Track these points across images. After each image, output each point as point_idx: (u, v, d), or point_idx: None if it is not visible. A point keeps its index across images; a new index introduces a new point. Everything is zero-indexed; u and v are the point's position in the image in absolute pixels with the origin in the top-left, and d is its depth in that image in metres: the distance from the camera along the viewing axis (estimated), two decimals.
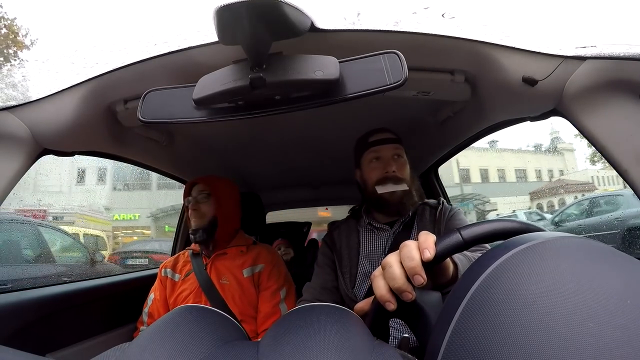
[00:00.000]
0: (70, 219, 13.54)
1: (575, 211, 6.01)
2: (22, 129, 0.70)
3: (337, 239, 1.03)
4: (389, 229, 0.98)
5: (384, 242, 0.97)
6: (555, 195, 16.75)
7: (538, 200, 17.47)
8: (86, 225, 12.36)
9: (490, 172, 20.57)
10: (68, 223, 12.79)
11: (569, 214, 6.05)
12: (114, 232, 13.74)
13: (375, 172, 0.95)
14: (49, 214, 13.63)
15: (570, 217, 5.87)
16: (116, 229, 14.73)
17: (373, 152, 0.96)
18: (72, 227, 10.09)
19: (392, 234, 0.97)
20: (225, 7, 0.39)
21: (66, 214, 13.97)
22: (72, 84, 0.70)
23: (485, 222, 0.41)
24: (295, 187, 2.09)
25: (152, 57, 0.66)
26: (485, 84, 0.74)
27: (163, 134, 1.12)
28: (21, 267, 2.99)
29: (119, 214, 14.98)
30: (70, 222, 13.14)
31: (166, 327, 0.36)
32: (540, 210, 14.87)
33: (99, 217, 14.81)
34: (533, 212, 11.79)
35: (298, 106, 0.48)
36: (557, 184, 17.25)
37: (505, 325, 0.23)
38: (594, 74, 0.59)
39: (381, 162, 0.95)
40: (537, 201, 17.53)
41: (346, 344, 0.31)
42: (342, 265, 0.98)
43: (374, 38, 0.63)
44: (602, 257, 0.27)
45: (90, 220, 13.97)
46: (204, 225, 1.12)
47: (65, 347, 0.98)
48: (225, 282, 1.09)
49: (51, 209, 13.79)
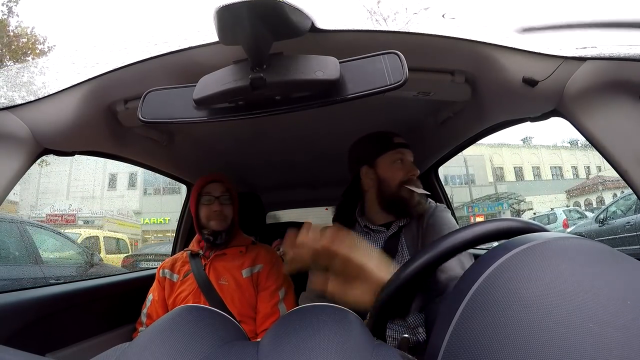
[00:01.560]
0: (99, 223, 14.28)
1: (621, 208, 5.63)
2: (22, 128, 0.70)
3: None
4: (385, 230, 0.99)
5: (379, 244, 0.98)
6: (592, 193, 16.24)
7: (575, 198, 16.98)
8: (115, 229, 12.76)
9: (524, 169, 20.26)
10: (97, 227, 13.49)
11: (613, 211, 5.72)
12: (143, 235, 13.93)
13: (400, 172, 0.97)
14: (79, 218, 14.52)
15: (616, 214, 5.55)
16: (146, 232, 14.92)
17: (399, 154, 0.99)
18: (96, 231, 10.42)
19: (387, 236, 0.98)
20: (226, 7, 0.39)
21: (96, 218, 14.77)
22: (73, 84, 0.70)
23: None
24: (295, 187, 2.09)
25: (152, 57, 0.66)
26: (486, 84, 0.74)
27: (163, 134, 1.12)
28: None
29: (149, 217, 15.19)
30: (99, 225, 13.87)
31: (166, 327, 0.36)
32: (582, 208, 14.45)
33: (128, 220, 15.34)
34: (572, 210, 11.46)
35: (298, 106, 0.48)
36: (595, 181, 16.58)
37: (505, 325, 0.23)
38: (594, 74, 0.59)
39: (406, 165, 0.98)
40: (574, 199, 17.05)
41: (346, 344, 0.31)
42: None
43: (374, 38, 0.63)
44: (602, 258, 0.27)
45: (119, 224, 14.57)
46: (226, 227, 1.11)
47: (65, 347, 0.98)
48: (224, 283, 1.09)
49: (80, 213, 14.67)
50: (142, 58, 0.66)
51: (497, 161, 19.36)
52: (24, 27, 8.49)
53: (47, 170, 11.18)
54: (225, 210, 1.12)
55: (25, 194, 13.43)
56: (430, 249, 0.42)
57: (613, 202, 6.30)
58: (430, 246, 0.43)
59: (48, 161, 8.92)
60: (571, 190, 17.24)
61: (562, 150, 21.03)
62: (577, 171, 20.26)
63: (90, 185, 16.31)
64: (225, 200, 1.12)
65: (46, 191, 14.50)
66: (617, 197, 7.83)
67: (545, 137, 24.82)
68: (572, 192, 17.16)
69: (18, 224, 3.55)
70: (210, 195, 1.12)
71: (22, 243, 3.33)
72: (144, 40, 0.72)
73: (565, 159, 20.42)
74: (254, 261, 1.13)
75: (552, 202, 16.90)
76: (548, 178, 19.93)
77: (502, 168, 19.84)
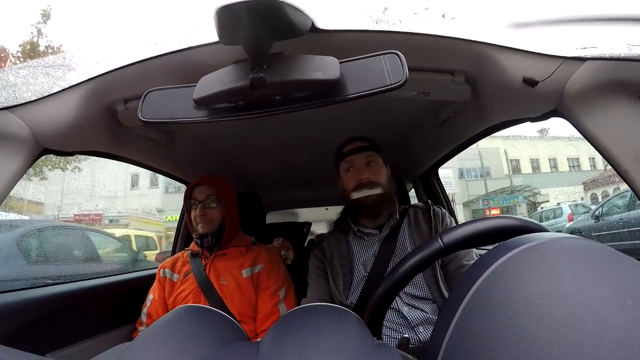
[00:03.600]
0: (124, 222, 14.69)
1: (618, 203, 5.61)
2: (22, 128, 0.70)
3: (327, 249, 1.06)
4: (379, 233, 1.00)
5: (374, 246, 0.99)
6: (610, 184, 15.44)
7: (592, 190, 16.20)
8: (139, 227, 13.27)
9: (541, 162, 19.84)
10: (123, 225, 13.98)
11: (611, 207, 5.69)
12: (166, 232, 14.12)
13: (351, 180, 1.00)
14: (105, 217, 15.05)
15: (612, 211, 5.53)
16: (169, 229, 15.14)
17: (347, 162, 1.02)
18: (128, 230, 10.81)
19: (381, 239, 0.99)
20: (226, 7, 0.39)
21: (121, 217, 15.19)
22: (72, 84, 0.70)
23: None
24: (295, 187, 2.09)
25: (152, 57, 0.66)
26: (486, 84, 0.74)
27: (163, 133, 1.11)
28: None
29: (171, 215, 15.40)
30: (124, 224, 14.29)
31: (166, 327, 0.36)
32: (595, 201, 14.02)
33: (152, 218, 15.73)
34: (579, 205, 11.19)
35: (298, 106, 0.48)
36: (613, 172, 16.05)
37: (505, 325, 0.23)
38: (595, 74, 0.59)
39: (355, 171, 1.00)
40: (591, 191, 16.28)
41: (346, 344, 0.31)
42: (335, 273, 1.00)
43: (374, 38, 0.63)
44: (602, 258, 0.27)
45: (144, 222, 14.99)
46: (213, 230, 1.10)
47: (65, 347, 0.98)
48: (224, 283, 1.09)
49: (107, 213, 15.29)
50: (142, 58, 0.66)
51: (512, 153, 19.03)
52: (53, 45, 8.61)
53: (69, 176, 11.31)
54: (210, 213, 1.10)
55: (50, 195, 13.68)
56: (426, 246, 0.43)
57: (609, 199, 6.33)
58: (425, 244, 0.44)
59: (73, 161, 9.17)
60: (588, 182, 16.48)
61: (579, 141, 20.69)
62: (594, 162, 19.65)
63: (113, 184, 16.77)
64: (209, 204, 1.11)
65: (70, 192, 14.77)
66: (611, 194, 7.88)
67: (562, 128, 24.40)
68: (589, 184, 16.40)
69: (82, 230, 4.89)
70: (194, 200, 1.12)
71: (86, 245, 4.20)
72: (144, 40, 0.72)
73: (582, 151, 19.83)
74: (254, 261, 1.13)
75: (568, 194, 16.45)
76: (565, 170, 19.43)
77: (519, 160, 19.47)
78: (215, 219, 1.11)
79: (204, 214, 1.10)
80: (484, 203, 16.36)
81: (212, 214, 1.11)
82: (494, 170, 18.56)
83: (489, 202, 16.12)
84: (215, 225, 1.11)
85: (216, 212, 1.12)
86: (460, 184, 17.66)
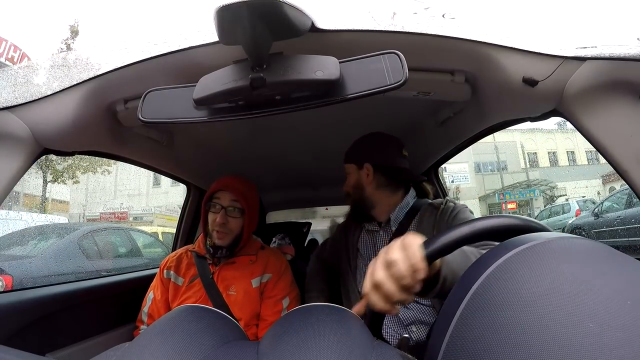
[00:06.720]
0: (148, 219, 15.40)
1: (618, 202, 5.77)
2: (22, 128, 0.70)
3: (350, 236, 1.13)
4: (379, 228, 1.05)
5: (381, 241, 1.03)
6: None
7: (611, 183, 15.47)
8: (163, 224, 13.81)
9: (559, 155, 19.53)
10: (147, 222, 14.77)
11: (610, 205, 5.86)
12: None
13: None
14: (130, 215, 15.68)
15: (612, 208, 5.67)
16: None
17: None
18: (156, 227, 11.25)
19: (389, 234, 1.00)
20: (226, 7, 0.39)
21: (145, 214, 15.86)
22: (72, 84, 0.70)
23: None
24: (295, 187, 2.09)
25: (152, 57, 0.66)
26: (486, 84, 0.74)
27: (163, 133, 1.11)
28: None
29: None
30: (149, 221, 15.01)
31: (166, 327, 0.36)
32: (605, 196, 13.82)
33: (175, 215, 16.09)
34: (588, 200, 11.00)
35: (298, 106, 0.48)
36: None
37: (505, 325, 0.23)
38: (594, 74, 0.59)
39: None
40: (609, 184, 15.57)
41: (346, 344, 0.31)
42: (350, 259, 1.08)
43: (374, 38, 0.63)
44: (602, 258, 0.27)
45: (167, 219, 15.39)
46: (229, 243, 1.04)
47: (65, 347, 0.98)
48: (232, 294, 1.04)
49: (132, 211, 15.92)
50: (142, 58, 0.66)
51: (530, 147, 18.77)
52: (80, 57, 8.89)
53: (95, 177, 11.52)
54: (231, 223, 1.03)
55: (75, 193, 13.97)
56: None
57: (608, 197, 6.50)
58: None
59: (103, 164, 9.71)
60: (607, 175, 15.77)
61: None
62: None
63: (136, 183, 17.25)
64: (232, 212, 1.04)
65: (95, 190, 15.09)
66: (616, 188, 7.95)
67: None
68: (608, 178, 15.71)
69: (124, 230, 5.68)
70: (218, 204, 1.04)
71: (131, 243, 5.17)
72: (144, 40, 0.72)
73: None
74: (264, 270, 1.09)
75: (586, 188, 16.03)
76: (583, 163, 18.89)
77: (536, 153, 19.18)
78: (235, 230, 1.05)
79: (224, 222, 1.02)
80: (500, 197, 16.32)
81: (233, 224, 1.04)
82: (511, 164, 18.33)
83: (505, 196, 16.11)
84: (232, 237, 1.05)
85: (237, 223, 1.05)
86: (476, 178, 17.61)
